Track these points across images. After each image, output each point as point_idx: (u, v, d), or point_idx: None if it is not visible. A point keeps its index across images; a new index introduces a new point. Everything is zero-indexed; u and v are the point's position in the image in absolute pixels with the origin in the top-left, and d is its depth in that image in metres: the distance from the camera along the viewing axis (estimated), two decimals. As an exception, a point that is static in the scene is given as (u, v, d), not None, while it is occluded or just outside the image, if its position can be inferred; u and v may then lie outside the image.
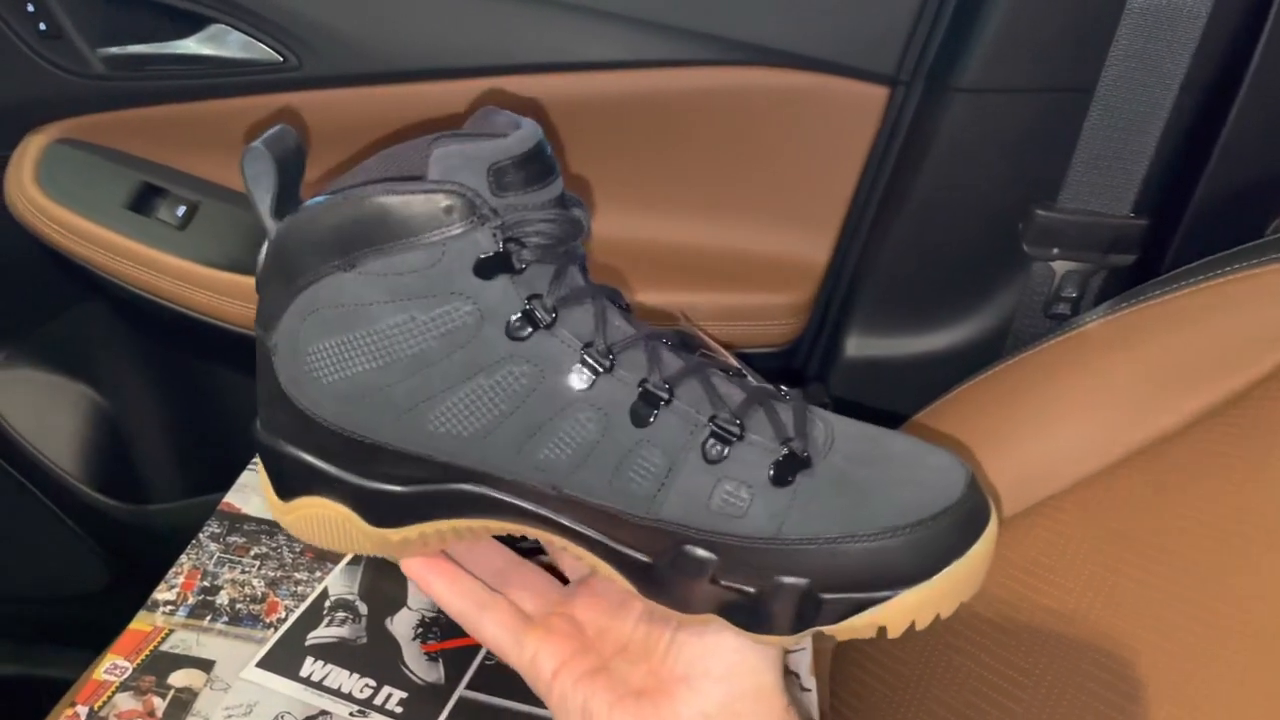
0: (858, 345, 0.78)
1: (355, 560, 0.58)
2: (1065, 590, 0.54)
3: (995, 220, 0.72)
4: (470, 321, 0.40)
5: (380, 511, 0.46)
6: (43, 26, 0.74)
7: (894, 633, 0.40)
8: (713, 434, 0.41)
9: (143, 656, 0.52)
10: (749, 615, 0.41)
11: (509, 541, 0.51)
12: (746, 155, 0.75)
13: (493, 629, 0.49)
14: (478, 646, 0.55)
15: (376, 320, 0.41)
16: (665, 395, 0.41)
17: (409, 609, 0.57)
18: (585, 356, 0.41)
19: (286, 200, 0.43)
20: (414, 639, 0.55)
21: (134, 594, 0.57)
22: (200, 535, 0.59)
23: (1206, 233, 0.69)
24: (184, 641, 0.53)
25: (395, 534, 0.46)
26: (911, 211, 0.72)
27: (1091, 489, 0.56)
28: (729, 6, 0.69)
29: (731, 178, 0.76)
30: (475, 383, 0.41)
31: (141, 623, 0.54)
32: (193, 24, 0.73)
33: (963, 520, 0.40)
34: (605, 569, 0.44)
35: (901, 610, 0.40)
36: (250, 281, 0.75)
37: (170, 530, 0.98)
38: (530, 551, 0.54)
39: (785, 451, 0.41)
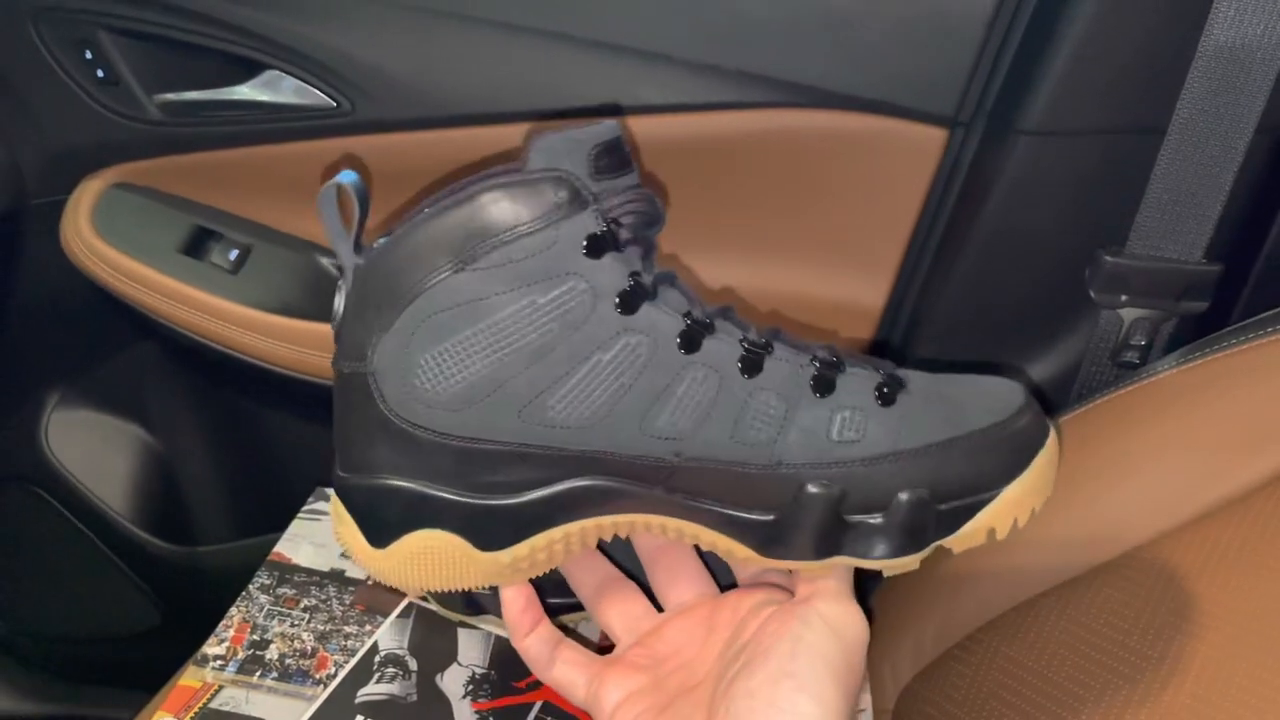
0: (916, 391, 0.76)
1: (405, 614, 0.58)
2: (1141, 657, 0.51)
3: (1059, 265, 0.70)
4: (586, 300, 0.42)
5: (491, 532, 0.45)
6: (100, 73, 0.75)
7: (1002, 533, 0.44)
8: (818, 371, 0.44)
9: (192, 714, 0.52)
10: (876, 545, 0.44)
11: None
12: (801, 198, 0.74)
13: (562, 669, 0.48)
14: (529, 705, 0.54)
15: (496, 311, 0.42)
16: (768, 347, 0.44)
17: (459, 665, 0.56)
18: (689, 322, 0.43)
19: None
20: (464, 697, 0.54)
21: (183, 635, 0.57)
22: (250, 586, 0.59)
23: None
24: (233, 699, 0.52)
25: (506, 555, 0.45)
26: (972, 256, 0.70)
27: (1167, 547, 0.54)
28: (783, 49, 0.68)
29: (786, 221, 0.75)
30: (594, 360, 0.42)
31: (191, 678, 0.53)
32: (247, 70, 0.74)
33: (1034, 419, 0.46)
34: (724, 542, 0.45)
35: (1006, 506, 0.44)
36: (301, 325, 0.76)
37: (219, 572, 0.98)
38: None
39: (885, 375, 0.45)
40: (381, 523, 0.45)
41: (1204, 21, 0.59)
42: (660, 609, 0.51)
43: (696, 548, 0.51)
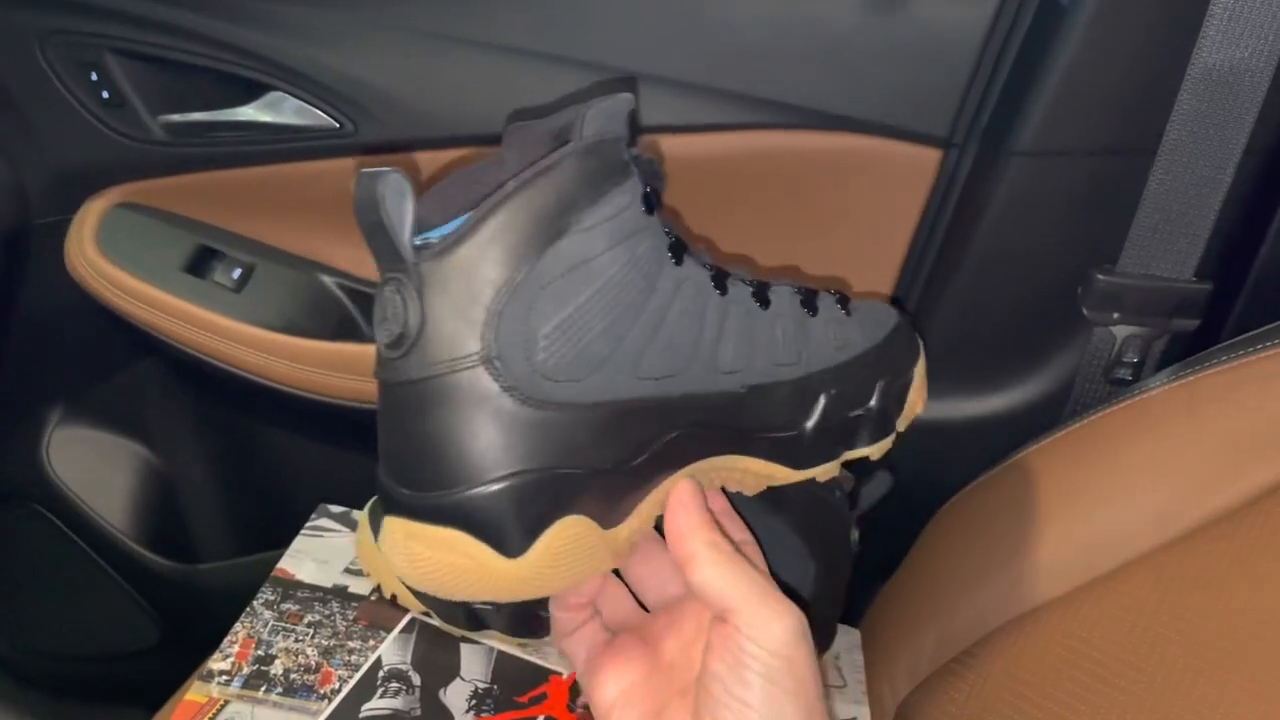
0: (912, 407, 0.77)
1: (408, 629, 0.58)
2: (1135, 669, 0.52)
3: (1053, 284, 0.71)
4: (655, 255, 0.43)
5: (615, 505, 0.44)
6: (106, 94, 0.76)
7: (920, 407, 0.56)
8: (802, 295, 0.50)
9: (198, 729, 0.52)
10: (865, 434, 0.53)
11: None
12: (799, 217, 0.75)
13: (575, 645, 0.48)
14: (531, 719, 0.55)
15: (606, 270, 0.42)
16: (760, 282, 0.49)
17: (462, 679, 0.56)
18: (712, 269, 0.46)
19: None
20: (467, 711, 0.55)
21: (183, 653, 0.57)
22: (255, 603, 0.59)
23: (1271, 297, 0.68)
24: (239, 714, 0.53)
25: (625, 529, 0.44)
26: (967, 274, 0.71)
27: (1160, 561, 0.55)
28: (780, 71, 0.69)
29: (783, 240, 0.76)
30: (676, 308, 0.44)
31: (197, 694, 0.54)
32: (251, 91, 0.75)
33: (908, 320, 0.57)
34: (768, 468, 0.50)
35: (919, 384, 0.56)
36: (304, 343, 0.77)
37: (220, 589, 0.98)
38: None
39: (833, 292, 0.53)
40: (517, 526, 0.41)
41: (1192, 44, 0.60)
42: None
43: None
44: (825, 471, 0.52)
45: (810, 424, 0.50)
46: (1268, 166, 0.66)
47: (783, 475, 0.50)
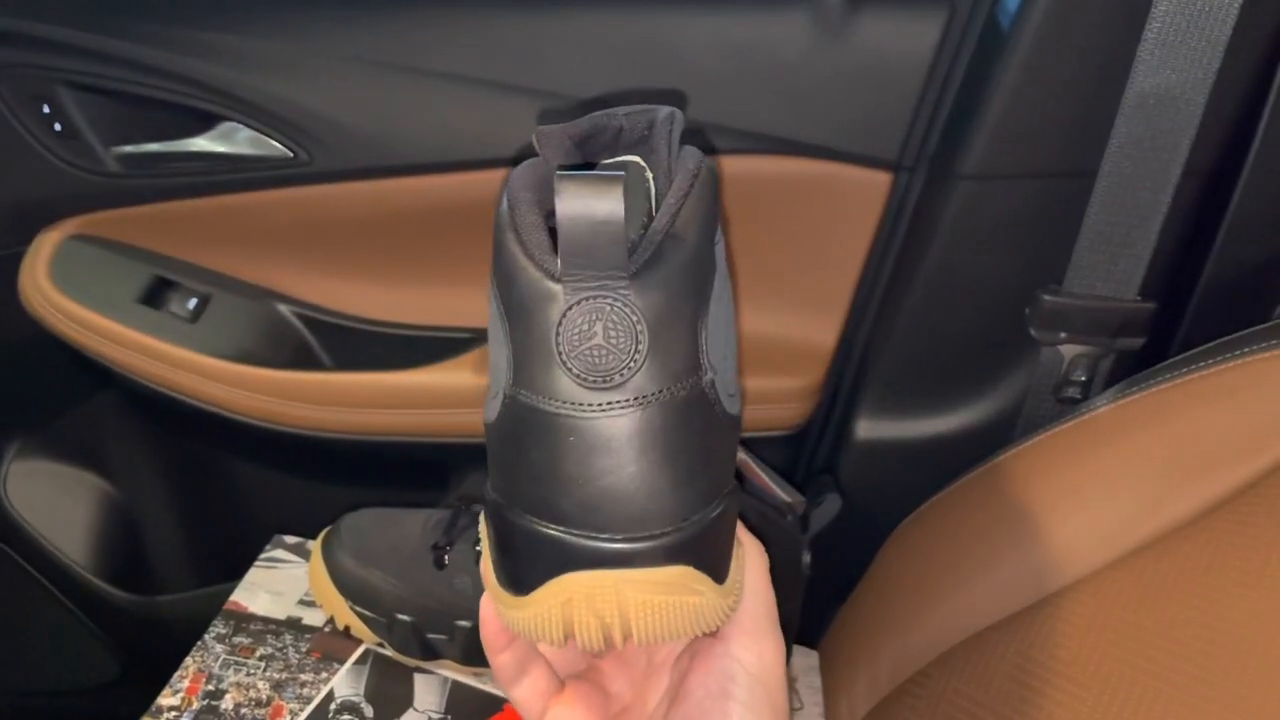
0: (868, 428, 0.78)
1: (362, 660, 0.58)
2: (1082, 687, 0.53)
3: (1002, 304, 0.72)
4: None
5: None
6: (58, 127, 0.75)
7: None
8: None
9: (145, 766, 0.52)
10: None
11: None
12: (755, 240, 0.75)
13: (524, 691, 0.47)
14: (485, 750, 0.55)
15: (720, 262, 0.38)
16: None
17: (415, 710, 0.56)
18: None
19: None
20: (421, 742, 0.54)
21: (143, 686, 0.57)
22: (206, 636, 0.59)
23: (1215, 315, 0.69)
24: (188, 750, 0.53)
25: None
26: (918, 295, 0.72)
27: (1108, 579, 0.55)
28: (734, 98, 0.70)
29: (740, 262, 0.76)
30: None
31: (145, 730, 0.53)
32: (204, 122, 0.75)
33: None
34: None
35: None
36: (260, 373, 0.76)
37: (179, 621, 0.98)
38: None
39: None
40: (728, 548, 0.39)
41: (1128, 70, 0.61)
42: None
43: None
44: None
45: None
46: (1209, 188, 0.67)
47: None
